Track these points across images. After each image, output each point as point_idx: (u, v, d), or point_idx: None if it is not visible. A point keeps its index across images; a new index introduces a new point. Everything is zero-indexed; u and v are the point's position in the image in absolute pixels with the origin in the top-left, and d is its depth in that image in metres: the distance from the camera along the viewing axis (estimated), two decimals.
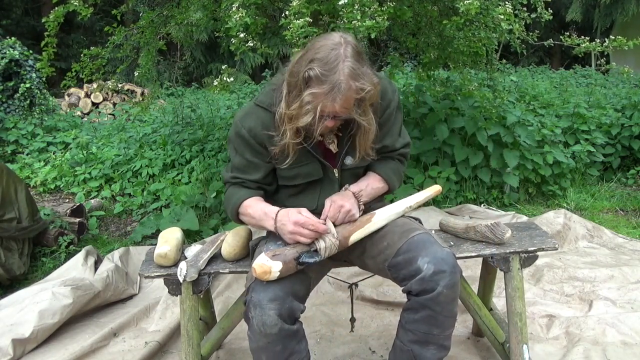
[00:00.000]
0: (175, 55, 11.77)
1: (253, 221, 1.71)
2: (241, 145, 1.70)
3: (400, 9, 2.94)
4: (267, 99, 1.66)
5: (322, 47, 1.49)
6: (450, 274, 1.53)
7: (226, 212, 1.80)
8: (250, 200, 1.72)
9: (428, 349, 1.60)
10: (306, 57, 1.50)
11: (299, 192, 1.76)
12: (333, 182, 1.75)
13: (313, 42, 1.54)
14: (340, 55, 1.46)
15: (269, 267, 1.49)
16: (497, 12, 2.66)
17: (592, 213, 3.96)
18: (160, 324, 2.48)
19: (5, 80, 6.80)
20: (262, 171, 1.72)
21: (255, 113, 1.68)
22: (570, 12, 12.05)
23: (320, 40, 1.52)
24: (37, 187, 5.07)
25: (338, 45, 1.48)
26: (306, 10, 2.35)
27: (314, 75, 1.46)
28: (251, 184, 1.73)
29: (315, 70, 1.45)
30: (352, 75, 1.46)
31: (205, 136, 5.12)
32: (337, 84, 1.45)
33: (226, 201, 1.77)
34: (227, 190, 1.78)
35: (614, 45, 3.01)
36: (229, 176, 1.76)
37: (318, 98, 1.47)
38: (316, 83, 1.46)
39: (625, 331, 2.21)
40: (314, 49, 1.50)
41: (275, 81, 1.68)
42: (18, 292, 2.61)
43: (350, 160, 1.72)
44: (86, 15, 3.17)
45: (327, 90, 1.45)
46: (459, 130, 4.14)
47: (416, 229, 1.67)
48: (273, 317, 1.48)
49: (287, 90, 1.54)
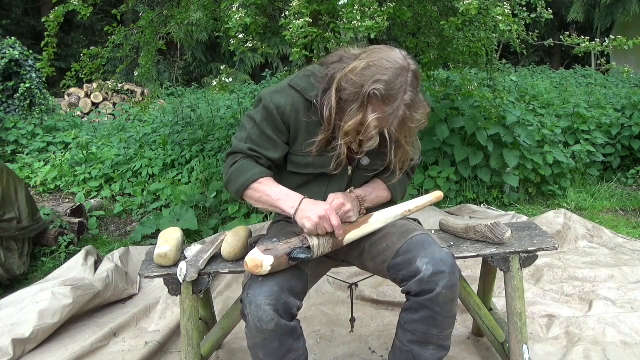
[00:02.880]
0: (175, 55, 11.77)
1: (266, 199, 1.63)
2: (265, 119, 1.64)
3: (400, 10, 2.94)
4: (303, 83, 1.64)
5: (389, 69, 1.49)
6: (449, 274, 1.54)
7: (229, 182, 1.68)
8: (268, 179, 1.65)
9: (427, 349, 1.60)
10: (370, 72, 1.49)
11: (307, 182, 1.73)
12: (343, 178, 1.73)
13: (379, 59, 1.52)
14: (407, 82, 1.50)
15: (260, 261, 1.50)
16: (495, 12, 2.66)
17: (592, 213, 3.96)
18: (160, 324, 2.48)
19: (5, 80, 6.80)
20: (279, 151, 1.67)
21: (287, 92, 1.64)
22: (571, 12, 12.06)
23: (388, 59, 1.51)
24: (37, 187, 5.07)
25: (404, 72, 1.51)
26: (306, 10, 2.35)
27: (380, 95, 1.48)
28: (265, 162, 1.67)
29: (380, 91, 1.47)
30: (411, 105, 1.52)
31: (205, 136, 5.12)
32: (396, 111, 1.49)
33: (236, 172, 1.65)
34: (238, 160, 1.67)
35: (614, 45, 3.01)
36: (245, 147, 1.66)
37: (381, 122, 1.50)
38: (378, 104, 1.49)
39: (625, 331, 2.21)
40: (380, 67, 1.49)
41: (313, 69, 1.67)
42: (18, 292, 2.61)
43: (366, 161, 1.72)
44: (86, 15, 3.16)
45: (388, 113, 1.49)
46: (459, 130, 4.14)
47: (415, 230, 1.67)
48: (269, 312, 1.48)
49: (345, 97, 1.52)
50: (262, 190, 1.64)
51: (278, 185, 1.65)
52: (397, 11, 2.82)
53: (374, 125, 1.50)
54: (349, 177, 1.74)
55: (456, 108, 4.31)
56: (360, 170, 1.75)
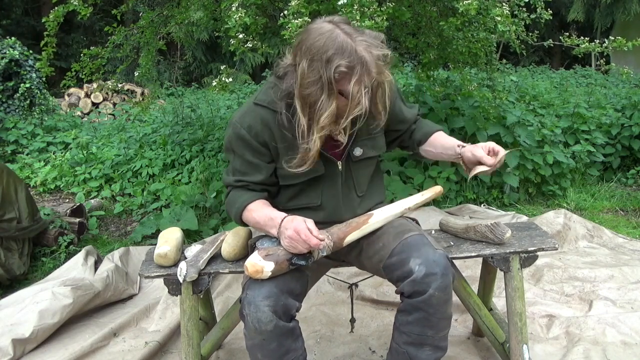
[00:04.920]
0: (175, 55, 11.75)
1: (258, 226, 1.66)
2: (240, 146, 1.64)
3: (400, 10, 2.94)
4: (267, 98, 1.62)
5: (326, 42, 1.42)
6: (442, 276, 1.52)
7: (230, 216, 1.74)
8: (255, 204, 1.66)
9: (423, 350, 1.60)
10: (316, 62, 1.43)
11: (301, 190, 1.71)
12: (336, 175, 1.70)
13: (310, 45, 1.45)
14: (346, 34, 1.44)
15: (261, 267, 1.50)
16: (494, 13, 2.66)
17: (592, 213, 3.96)
18: (160, 324, 2.48)
19: (5, 80, 6.80)
20: (264, 172, 1.67)
21: (255, 111, 1.63)
22: (572, 11, 12.05)
23: (317, 38, 1.45)
24: (37, 187, 5.07)
25: (334, 29, 1.45)
26: (305, 10, 2.35)
27: (346, 68, 1.41)
28: (255, 186, 1.68)
29: (342, 66, 1.41)
30: (369, 46, 1.45)
31: (205, 136, 5.12)
32: (364, 61, 1.43)
33: (228, 206, 1.71)
34: (229, 193, 1.72)
35: (614, 46, 3.01)
36: (231, 179, 1.69)
37: (361, 82, 1.44)
38: (350, 73, 1.43)
39: (625, 331, 2.21)
40: (318, 49, 1.43)
41: (274, 81, 1.63)
42: (18, 292, 2.61)
43: (359, 151, 1.69)
44: (85, 15, 3.16)
45: (361, 71, 1.43)
46: (459, 130, 4.14)
47: (411, 230, 1.66)
48: (268, 313, 1.48)
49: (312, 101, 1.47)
50: (252, 218, 1.65)
51: (263, 209, 1.64)
52: (396, 11, 2.82)
53: (356, 90, 1.44)
54: (341, 173, 1.70)
55: (456, 108, 4.31)
56: (354, 163, 1.71)
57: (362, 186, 1.76)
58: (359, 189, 1.75)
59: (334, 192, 1.71)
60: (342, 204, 1.72)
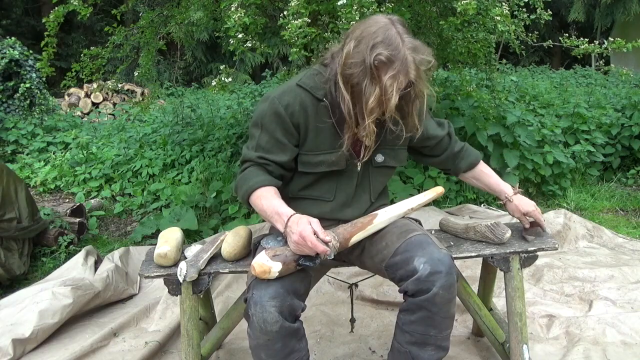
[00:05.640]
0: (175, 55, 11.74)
1: (263, 214, 1.63)
2: (273, 122, 1.62)
3: (399, 10, 2.93)
4: (311, 82, 1.63)
5: (376, 32, 1.49)
6: (447, 274, 1.53)
7: (236, 191, 1.69)
8: (266, 190, 1.62)
9: (426, 350, 1.60)
10: (363, 45, 1.48)
11: (316, 180, 1.70)
12: (353, 175, 1.71)
13: (362, 30, 1.52)
14: (399, 32, 1.49)
15: (268, 267, 1.49)
16: (494, 12, 2.66)
17: (592, 213, 3.96)
18: (160, 324, 2.48)
19: (5, 80, 6.81)
20: (288, 153, 1.65)
21: (295, 91, 1.63)
22: (572, 11, 12.05)
23: (371, 26, 1.52)
24: (37, 187, 5.07)
25: (391, 25, 1.50)
26: (304, 10, 2.35)
27: (386, 59, 1.46)
28: (274, 168, 1.65)
29: (383, 54, 1.46)
30: (414, 49, 1.49)
31: (205, 136, 5.12)
32: (405, 60, 1.47)
33: (241, 181, 1.66)
34: (246, 169, 1.67)
35: (613, 48, 3.02)
36: (253, 155, 1.65)
37: (397, 78, 1.48)
38: (388, 65, 1.47)
39: (625, 331, 2.21)
40: (368, 35, 1.49)
41: (318, 69, 1.66)
42: (18, 292, 2.61)
43: (380, 158, 1.71)
44: (85, 15, 3.17)
45: (400, 68, 1.47)
46: (459, 130, 4.14)
47: (414, 229, 1.66)
48: (274, 314, 1.48)
49: (354, 82, 1.51)
50: (259, 204, 1.61)
51: (272, 198, 1.60)
52: (395, 12, 2.82)
53: (389, 84, 1.48)
54: (358, 173, 1.71)
55: (456, 108, 4.31)
56: (374, 168, 1.73)
57: (377, 192, 1.79)
58: (374, 192, 1.77)
59: (348, 191, 1.72)
60: (352, 203, 1.74)
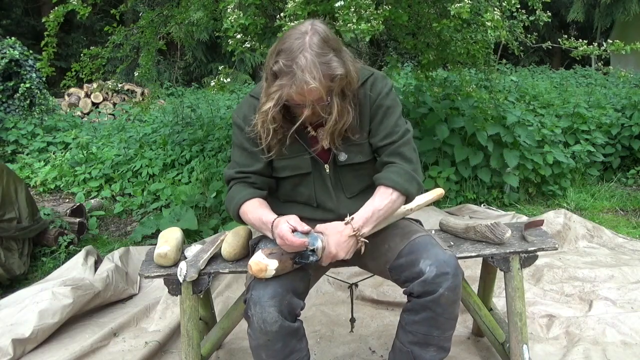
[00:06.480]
0: (175, 55, 11.74)
1: (254, 227, 1.71)
2: (239, 135, 1.71)
3: (396, 12, 2.92)
4: (259, 89, 1.68)
5: (288, 36, 1.50)
6: (453, 276, 1.53)
7: (227, 210, 1.77)
8: (250, 204, 1.67)
9: (428, 350, 1.60)
10: (276, 48, 1.51)
11: (295, 185, 1.73)
12: (324, 177, 1.71)
13: (285, 34, 1.55)
14: (305, 44, 1.46)
15: (265, 265, 1.49)
16: (486, 17, 2.65)
17: (592, 213, 3.96)
18: (160, 324, 2.48)
19: (5, 80, 6.80)
20: (261, 161, 1.69)
21: (249, 102, 1.71)
22: (571, 11, 12.04)
23: (290, 30, 1.54)
24: (37, 187, 5.07)
25: (304, 35, 1.48)
26: (301, 12, 2.35)
27: (278, 70, 1.48)
28: (255, 179, 1.70)
29: (279, 64, 1.47)
30: (311, 64, 1.44)
31: (205, 136, 5.12)
32: (295, 74, 1.45)
33: (227, 200, 1.74)
34: (230, 188, 1.75)
35: (612, 50, 3.02)
36: (232, 172, 1.74)
37: (283, 89, 1.48)
38: (282, 75, 1.48)
39: (625, 331, 2.21)
40: (283, 39, 1.52)
41: None
42: (18, 292, 2.61)
43: (343, 157, 1.68)
44: (85, 15, 3.17)
45: (288, 81, 1.47)
46: (459, 130, 4.14)
47: (417, 231, 1.67)
48: (273, 314, 1.48)
49: (266, 84, 1.56)
50: (248, 219, 1.69)
51: (256, 210, 1.66)
52: (393, 14, 2.81)
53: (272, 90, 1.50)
54: (329, 176, 1.70)
55: (456, 108, 4.31)
56: (343, 167, 1.70)
57: (352, 188, 1.73)
58: (348, 191, 1.73)
59: (326, 193, 1.72)
60: (336, 203, 1.73)
